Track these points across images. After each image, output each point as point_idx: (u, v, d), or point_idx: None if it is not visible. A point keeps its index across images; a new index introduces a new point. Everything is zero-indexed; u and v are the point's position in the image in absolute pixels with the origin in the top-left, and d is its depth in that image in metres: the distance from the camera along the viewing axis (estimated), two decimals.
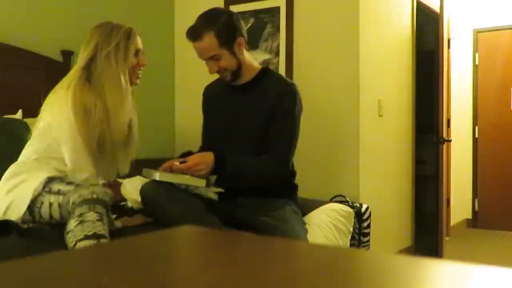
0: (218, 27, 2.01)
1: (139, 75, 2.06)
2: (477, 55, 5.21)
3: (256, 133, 2.10)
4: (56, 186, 1.76)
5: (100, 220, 1.62)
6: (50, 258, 0.60)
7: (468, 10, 5.14)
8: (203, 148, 2.38)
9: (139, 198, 2.00)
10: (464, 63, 5.13)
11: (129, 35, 1.99)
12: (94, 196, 1.66)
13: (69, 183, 1.76)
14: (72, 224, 1.61)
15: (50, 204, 1.73)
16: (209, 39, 2.01)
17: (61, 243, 1.66)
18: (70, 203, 1.68)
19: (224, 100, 2.23)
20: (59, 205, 1.72)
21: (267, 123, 2.09)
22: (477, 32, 5.20)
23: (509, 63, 5.05)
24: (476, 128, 5.21)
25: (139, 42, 2.03)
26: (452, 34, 4.73)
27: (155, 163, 2.14)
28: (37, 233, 1.76)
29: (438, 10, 3.90)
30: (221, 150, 2.05)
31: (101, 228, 1.61)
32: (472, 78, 5.23)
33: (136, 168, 2.15)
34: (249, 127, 2.12)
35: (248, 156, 2.07)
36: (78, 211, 1.62)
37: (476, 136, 5.21)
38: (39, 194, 1.76)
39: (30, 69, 2.84)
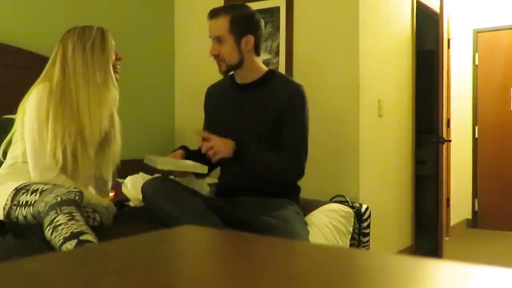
0: (235, 15, 2.09)
1: (118, 70, 2.05)
2: (477, 55, 5.20)
3: (260, 133, 2.09)
4: (23, 198, 1.74)
5: (72, 219, 1.60)
6: (50, 258, 0.60)
7: (468, 10, 5.14)
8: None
9: (141, 196, 2.00)
10: (464, 63, 5.13)
11: (102, 32, 1.99)
12: (59, 199, 1.64)
13: (34, 191, 1.74)
14: (47, 234, 1.60)
15: (25, 217, 1.73)
16: (223, 20, 2.08)
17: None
18: (40, 213, 1.67)
19: (228, 100, 2.22)
20: (33, 216, 1.71)
21: (273, 124, 2.08)
22: (477, 32, 5.20)
23: (509, 63, 5.05)
24: (476, 128, 5.21)
25: (112, 38, 2.03)
26: (452, 34, 4.73)
27: None
28: (32, 232, 1.76)
29: (438, 10, 3.90)
30: (240, 140, 2.01)
31: (76, 226, 1.58)
32: (472, 78, 5.23)
33: (136, 167, 2.15)
34: (253, 127, 2.11)
35: (266, 150, 2.06)
36: (47, 220, 1.61)
37: (476, 136, 5.21)
38: (10, 209, 1.75)
39: (30, 69, 2.83)
